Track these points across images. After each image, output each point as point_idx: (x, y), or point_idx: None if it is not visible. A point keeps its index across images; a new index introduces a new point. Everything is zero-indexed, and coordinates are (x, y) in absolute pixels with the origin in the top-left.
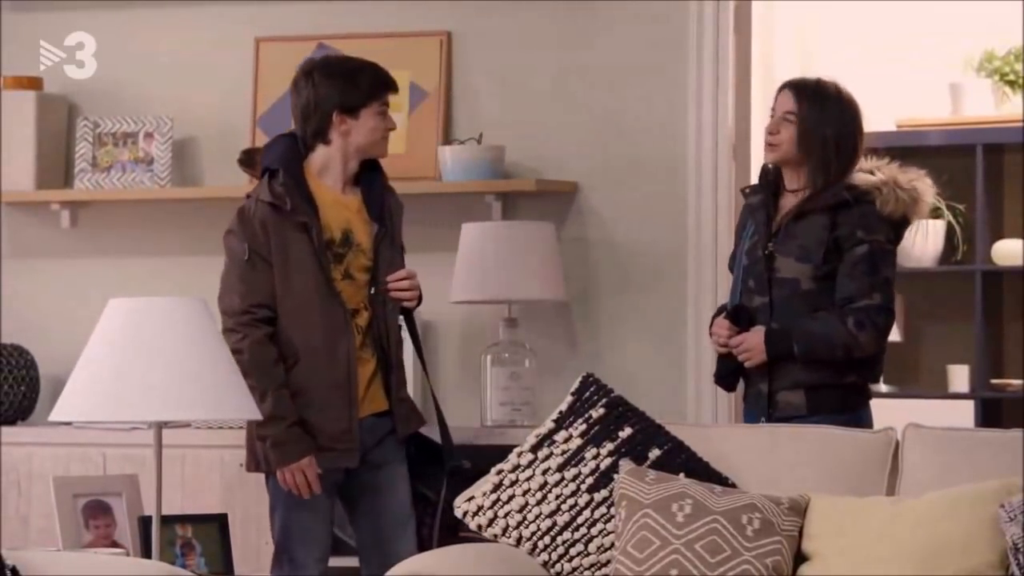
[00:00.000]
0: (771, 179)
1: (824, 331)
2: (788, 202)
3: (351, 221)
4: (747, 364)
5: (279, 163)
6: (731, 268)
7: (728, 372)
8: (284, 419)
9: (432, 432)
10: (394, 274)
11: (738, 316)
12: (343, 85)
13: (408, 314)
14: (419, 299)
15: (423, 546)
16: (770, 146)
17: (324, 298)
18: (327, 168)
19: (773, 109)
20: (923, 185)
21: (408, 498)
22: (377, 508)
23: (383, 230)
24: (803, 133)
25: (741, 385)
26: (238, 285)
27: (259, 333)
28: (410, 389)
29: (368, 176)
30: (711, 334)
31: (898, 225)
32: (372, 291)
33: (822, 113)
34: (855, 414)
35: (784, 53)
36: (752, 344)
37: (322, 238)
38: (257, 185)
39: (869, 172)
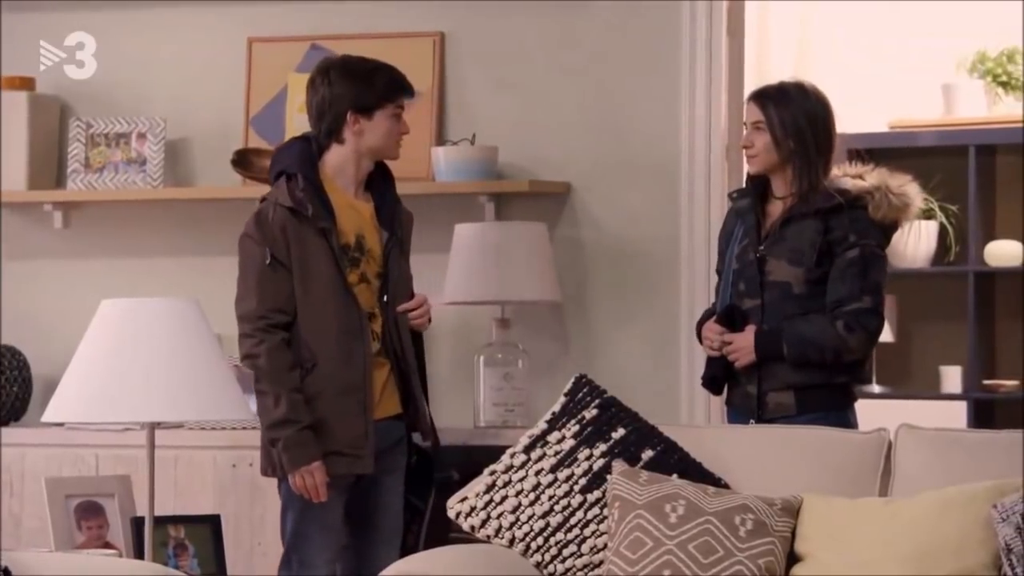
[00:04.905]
0: (759, 184)
1: (814, 334)
2: (776, 208)
3: (363, 227)
4: (736, 364)
5: (297, 167)
6: (719, 272)
7: (717, 374)
8: (297, 423)
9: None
10: (405, 305)
11: (731, 317)
12: (359, 85)
13: (417, 334)
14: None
15: (408, 554)
16: (749, 159)
17: (341, 302)
18: (341, 170)
19: (745, 123)
20: (912, 190)
21: (401, 511)
22: (373, 519)
23: (393, 238)
24: (775, 137)
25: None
26: (256, 290)
27: (276, 339)
28: None
29: (380, 185)
30: (701, 338)
31: (887, 230)
32: (384, 299)
33: (789, 113)
34: (842, 413)
35: (778, 54)
36: (742, 345)
37: (339, 243)
38: (273, 189)
39: (857, 177)
